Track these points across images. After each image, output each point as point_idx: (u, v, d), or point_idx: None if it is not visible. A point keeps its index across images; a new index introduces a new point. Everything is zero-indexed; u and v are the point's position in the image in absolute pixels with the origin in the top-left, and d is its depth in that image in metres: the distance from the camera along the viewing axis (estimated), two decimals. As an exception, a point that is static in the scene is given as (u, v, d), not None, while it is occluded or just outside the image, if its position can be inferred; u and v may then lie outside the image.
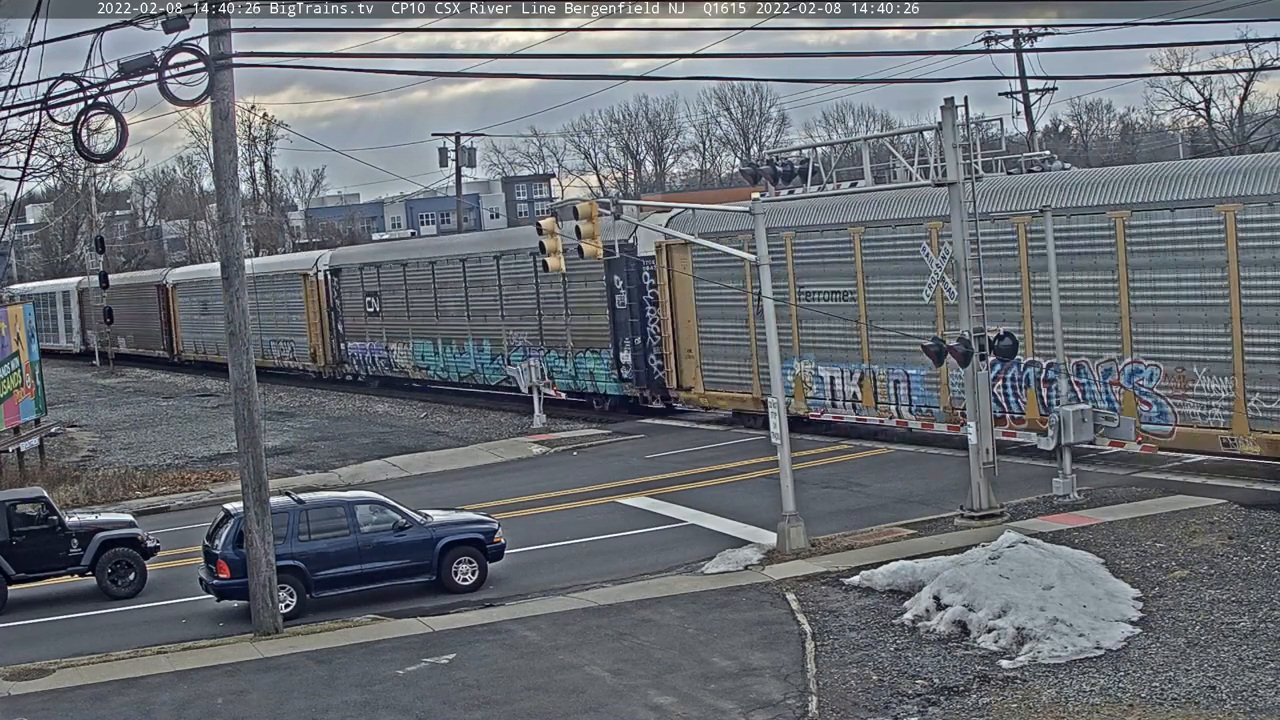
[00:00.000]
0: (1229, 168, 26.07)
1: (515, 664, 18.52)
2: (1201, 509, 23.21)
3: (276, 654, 19.94)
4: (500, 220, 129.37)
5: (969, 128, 24.41)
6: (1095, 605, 18.10)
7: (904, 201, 30.65)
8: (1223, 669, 15.99)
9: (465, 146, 73.95)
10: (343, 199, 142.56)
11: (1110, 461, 27.94)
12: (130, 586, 24.71)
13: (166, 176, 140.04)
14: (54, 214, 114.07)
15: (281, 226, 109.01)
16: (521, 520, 27.78)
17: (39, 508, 24.69)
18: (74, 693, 18.83)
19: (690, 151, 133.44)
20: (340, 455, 39.30)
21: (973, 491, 24.25)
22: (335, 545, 22.72)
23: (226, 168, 21.66)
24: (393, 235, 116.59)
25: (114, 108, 20.72)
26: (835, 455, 32.13)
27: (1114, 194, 26.96)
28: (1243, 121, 78.57)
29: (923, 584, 19.49)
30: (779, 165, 27.63)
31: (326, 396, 55.22)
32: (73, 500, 32.84)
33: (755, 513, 26.26)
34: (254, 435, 21.39)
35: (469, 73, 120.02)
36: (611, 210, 25.73)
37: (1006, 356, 25.48)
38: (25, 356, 38.87)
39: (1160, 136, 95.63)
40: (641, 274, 39.62)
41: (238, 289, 21.45)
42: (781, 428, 24.01)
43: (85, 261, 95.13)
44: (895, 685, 16.60)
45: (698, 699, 16.63)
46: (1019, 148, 43.67)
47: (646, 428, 39.00)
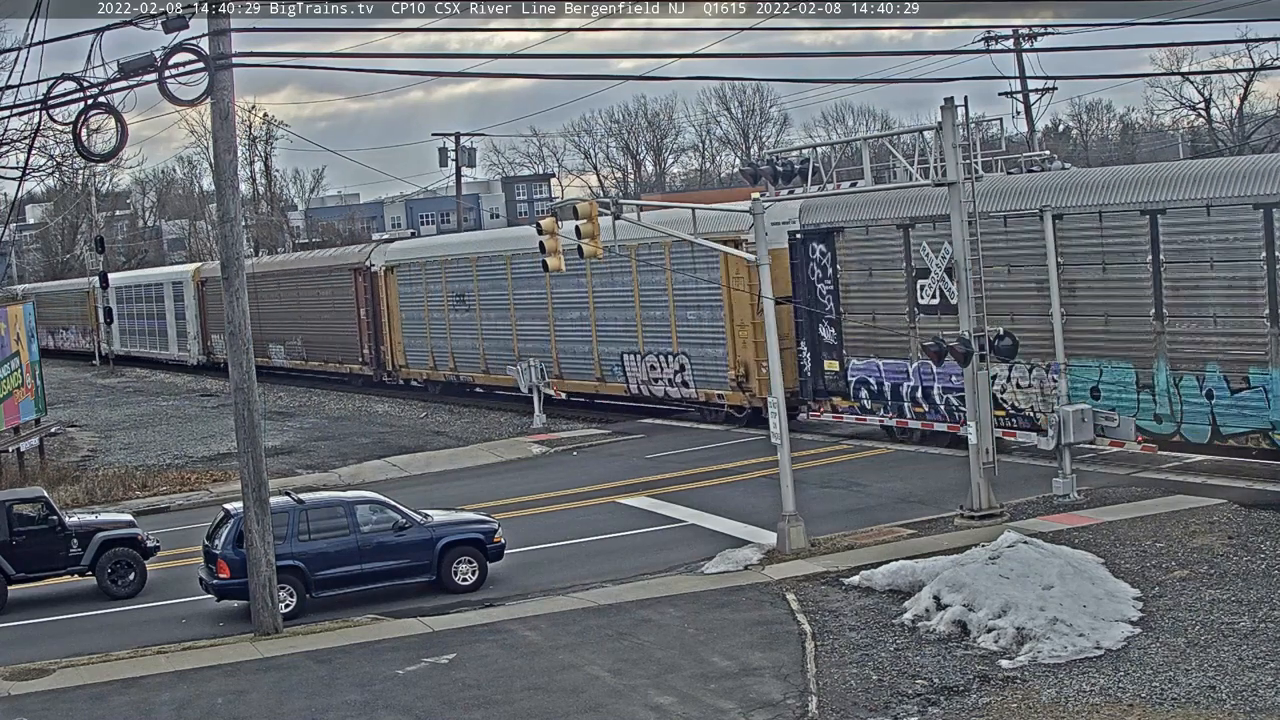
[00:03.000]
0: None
1: (515, 664, 18.52)
2: (1201, 509, 23.21)
3: (276, 654, 19.94)
4: (500, 220, 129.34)
5: (969, 128, 24.41)
6: (1095, 605, 18.10)
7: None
8: (1223, 669, 15.99)
9: (465, 146, 73.97)
10: (343, 199, 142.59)
11: (1110, 461, 27.95)
12: (130, 586, 24.70)
13: (166, 176, 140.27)
14: (54, 214, 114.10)
15: (281, 226, 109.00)
16: (521, 520, 27.77)
17: (39, 508, 24.68)
18: (74, 693, 18.83)
19: (690, 151, 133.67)
20: (340, 455, 39.30)
21: (973, 491, 24.25)
22: (335, 545, 22.71)
23: (226, 168, 21.66)
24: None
25: (114, 108, 20.75)
26: (835, 455, 32.13)
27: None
28: (1243, 121, 78.62)
29: (923, 584, 19.49)
30: (779, 165, 27.64)
31: (326, 396, 55.21)
32: (73, 500, 32.83)
33: (755, 513, 26.25)
34: (254, 435, 21.40)
35: (467, 73, 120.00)
36: (611, 210, 25.71)
37: (1007, 357, 25.48)
38: (25, 356, 38.87)
39: (1160, 136, 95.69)
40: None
41: (238, 289, 21.46)
42: (781, 428, 23.99)
43: (85, 261, 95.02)
44: (895, 685, 16.60)
45: (698, 699, 16.63)
46: (1019, 148, 43.62)
47: (646, 428, 38.99)
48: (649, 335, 39.58)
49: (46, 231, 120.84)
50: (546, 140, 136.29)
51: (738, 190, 60.34)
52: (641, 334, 39.86)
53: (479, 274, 47.42)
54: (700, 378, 37.79)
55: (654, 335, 39.43)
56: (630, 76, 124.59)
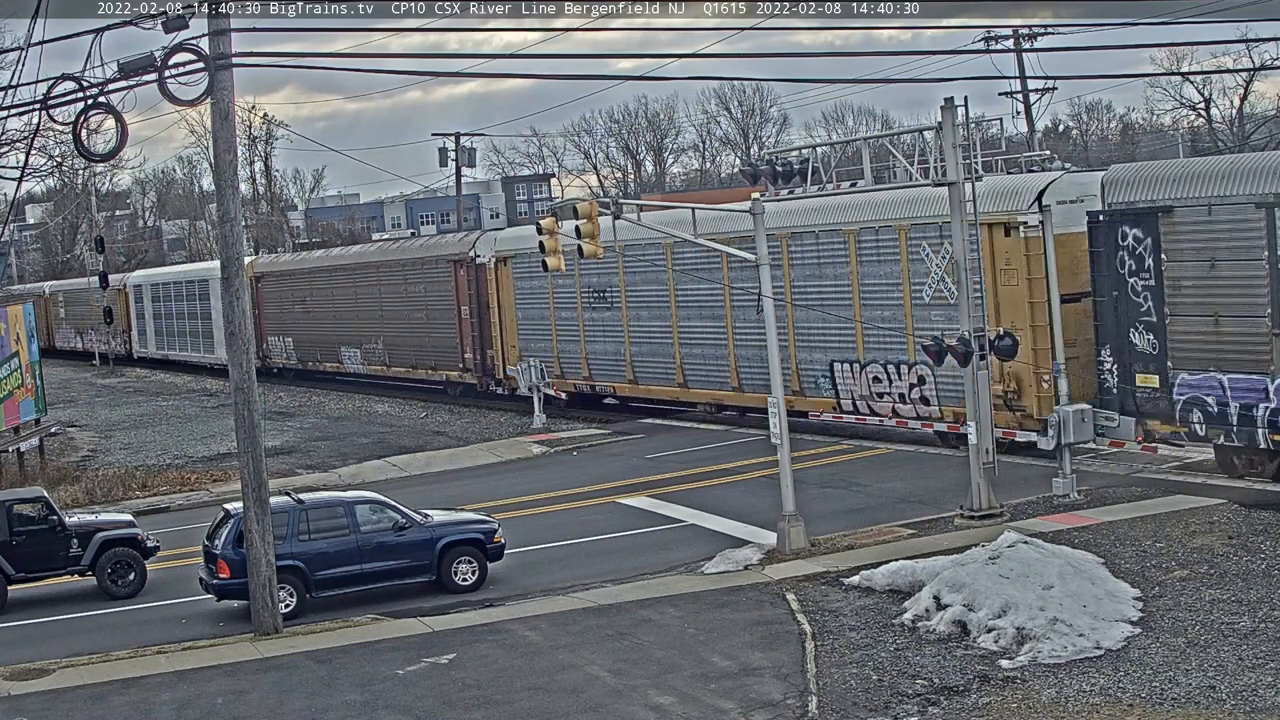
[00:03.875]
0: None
1: (515, 664, 18.52)
2: (1201, 509, 23.20)
3: (276, 654, 19.93)
4: (500, 220, 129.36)
5: (969, 128, 24.40)
6: (1095, 605, 18.10)
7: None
8: (1223, 669, 15.99)
9: (465, 146, 73.96)
10: (343, 199, 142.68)
11: (1110, 461, 27.94)
12: (130, 586, 24.70)
13: (166, 176, 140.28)
14: (54, 214, 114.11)
15: (281, 226, 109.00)
16: (521, 520, 27.77)
17: (39, 508, 24.69)
18: (74, 693, 18.83)
19: (690, 151, 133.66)
20: (340, 455, 39.30)
21: (973, 491, 24.25)
22: (335, 545, 22.71)
23: (226, 168, 21.66)
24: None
25: (114, 108, 20.74)
26: (835, 455, 32.12)
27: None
28: (1243, 121, 78.68)
29: (923, 584, 19.49)
30: (779, 165, 27.63)
31: (326, 396, 55.20)
32: (73, 500, 32.83)
33: (755, 513, 26.25)
34: (254, 435, 21.40)
35: (466, 73, 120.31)
36: (611, 210, 25.71)
37: (1007, 356, 25.47)
38: (25, 356, 38.88)
39: (1160, 136, 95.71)
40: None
41: (238, 289, 21.47)
42: (781, 428, 23.99)
43: (85, 261, 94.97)
44: (895, 685, 16.60)
45: (698, 699, 16.63)
46: (1019, 148, 43.64)
47: (646, 428, 38.98)
48: (872, 340, 32.11)
49: (46, 231, 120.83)
50: (546, 140, 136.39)
51: (738, 190, 60.18)
52: (862, 338, 32.38)
53: (625, 266, 39.60)
54: (948, 394, 30.04)
55: (879, 340, 31.83)
56: (629, 77, 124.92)
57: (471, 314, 46.97)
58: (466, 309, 47.34)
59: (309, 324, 58.98)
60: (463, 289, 47.45)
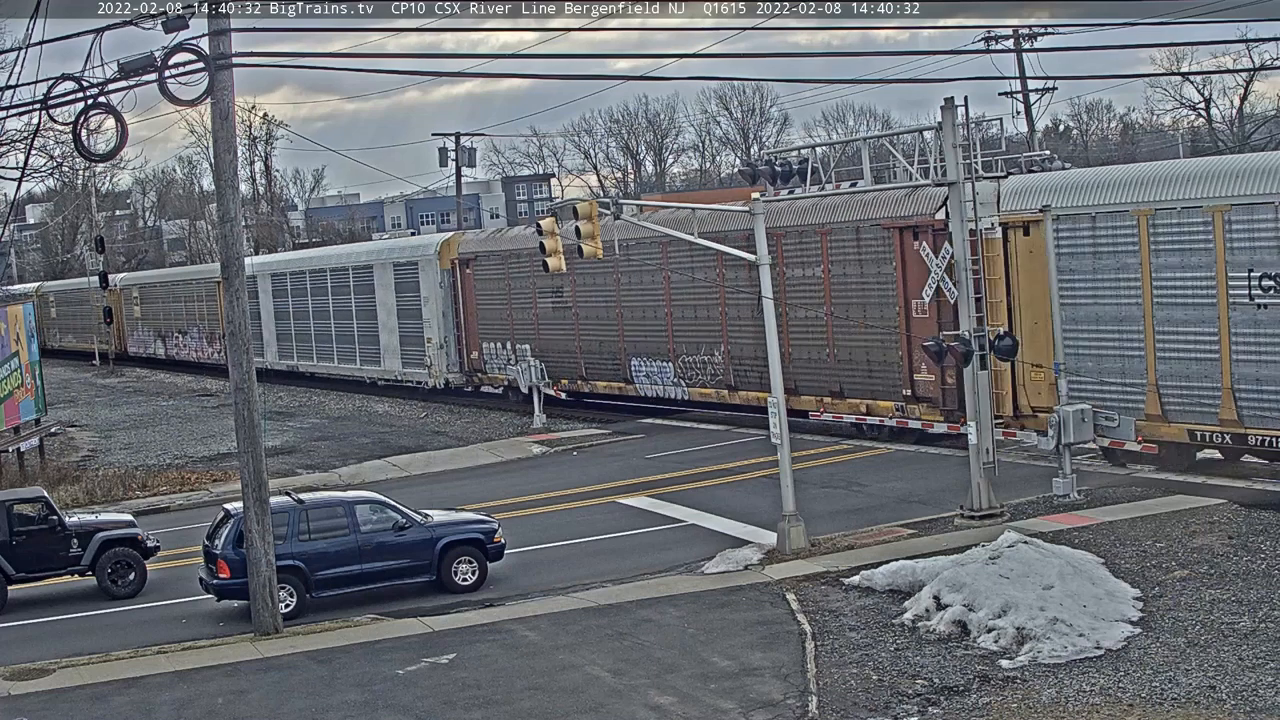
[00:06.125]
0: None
1: (515, 664, 18.52)
2: (1201, 509, 23.20)
3: (276, 654, 19.93)
4: (500, 220, 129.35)
5: (969, 128, 24.40)
6: (1095, 605, 18.10)
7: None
8: (1223, 669, 15.99)
9: (465, 146, 73.94)
10: (343, 199, 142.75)
11: (1098, 459, 27.94)
12: (130, 586, 24.70)
13: (166, 176, 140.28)
14: (54, 214, 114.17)
15: (281, 226, 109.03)
16: (521, 520, 27.77)
17: (39, 508, 24.69)
18: (74, 693, 18.83)
19: (690, 151, 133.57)
20: (340, 455, 39.30)
21: (973, 491, 24.25)
22: (335, 545, 22.71)
23: (226, 168, 21.67)
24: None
25: (114, 108, 20.74)
26: (835, 455, 32.12)
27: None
28: (1243, 121, 78.66)
29: (923, 584, 19.49)
30: (779, 165, 27.65)
31: (326, 396, 55.17)
32: (73, 500, 32.85)
33: (755, 513, 26.25)
34: (254, 435, 21.40)
35: (464, 73, 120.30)
36: (611, 210, 25.71)
37: (1007, 356, 25.47)
38: (25, 356, 38.90)
39: (1160, 136, 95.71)
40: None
41: (237, 289, 21.47)
42: (782, 428, 23.99)
43: (85, 261, 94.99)
44: (895, 685, 16.60)
45: (698, 699, 16.63)
46: (1019, 148, 43.61)
47: (646, 428, 38.99)
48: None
49: (46, 231, 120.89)
50: (546, 140, 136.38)
51: (738, 190, 60.17)
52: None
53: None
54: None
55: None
56: (627, 77, 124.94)
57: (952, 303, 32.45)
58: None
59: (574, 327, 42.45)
60: (911, 268, 30.94)
